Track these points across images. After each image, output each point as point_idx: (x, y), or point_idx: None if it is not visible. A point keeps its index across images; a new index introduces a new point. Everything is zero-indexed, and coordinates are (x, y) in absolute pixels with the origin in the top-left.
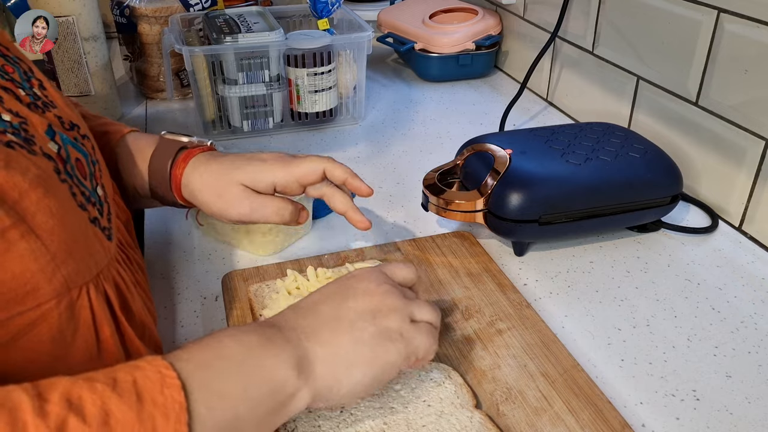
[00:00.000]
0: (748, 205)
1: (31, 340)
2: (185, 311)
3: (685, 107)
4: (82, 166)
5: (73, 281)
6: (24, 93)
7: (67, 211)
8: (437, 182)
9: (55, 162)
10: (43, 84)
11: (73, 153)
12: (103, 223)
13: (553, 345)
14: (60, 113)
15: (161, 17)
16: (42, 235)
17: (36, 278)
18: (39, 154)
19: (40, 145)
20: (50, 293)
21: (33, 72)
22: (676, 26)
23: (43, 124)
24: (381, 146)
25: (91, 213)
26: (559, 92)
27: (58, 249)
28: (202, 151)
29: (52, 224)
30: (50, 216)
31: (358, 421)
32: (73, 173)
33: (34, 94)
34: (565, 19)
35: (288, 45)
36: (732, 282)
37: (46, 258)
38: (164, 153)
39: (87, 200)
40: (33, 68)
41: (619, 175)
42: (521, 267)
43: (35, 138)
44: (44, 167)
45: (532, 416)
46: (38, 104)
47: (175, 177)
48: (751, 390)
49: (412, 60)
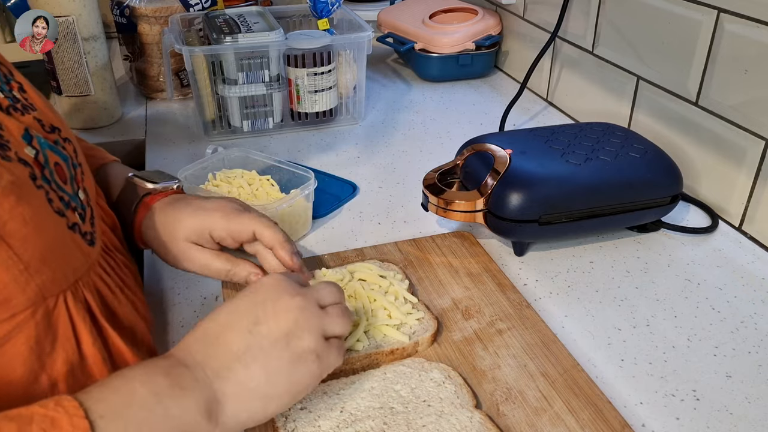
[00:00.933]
0: (748, 205)
1: (7, 352)
2: (185, 311)
3: (685, 107)
4: (61, 170)
5: (49, 290)
6: (2, 96)
7: (42, 218)
8: (437, 182)
9: (31, 167)
10: (23, 87)
11: (52, 157)
12: (84, 228)
13: (553, 345)
14: (40, 116)
15: (161, 17)
16: (14, 244)
17: (8, 288)
18: (14, 159)
19: (16, 151)
20: (24, 303)
21: (12, 75)
22: (676, 26)
23: (19, 129)
24: (381, 146)
25: (71, 219)
26: (559, 92)
27: (32, 258)
28: (165, 196)
29: (26, 232)
30: (23, 224)
31: (358, 421)
32: (51, 178)
33: (14, 97)
34: (565, 19)
35: (288, 45)
36: (732, 282)
37: (18, 267)
38: (128, 198)
39: (66, 205)
40: (13, 71)
41: (619, 175)
42: (521, 267)
43: (10, 143)
44: (19, 174)
45: (532, 416)
46: (17, 107)
47: (136, 224)
48: (751, 390)
49: (412, 60)
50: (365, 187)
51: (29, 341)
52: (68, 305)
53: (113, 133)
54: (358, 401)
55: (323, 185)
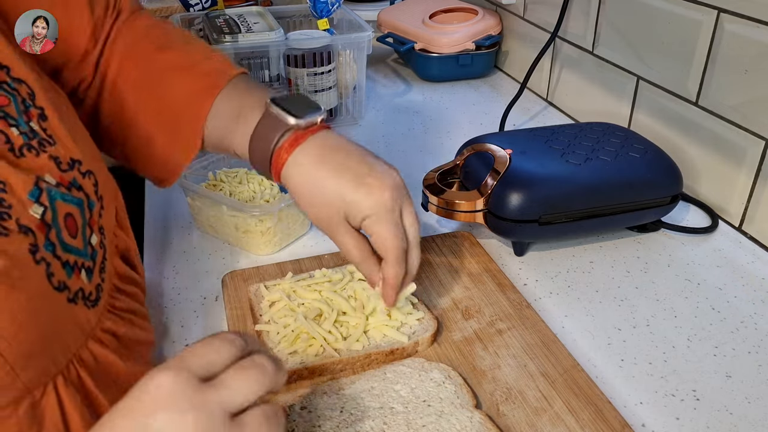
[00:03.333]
0: (748, 205)
1: None
2: (185, 311)
3: (685, 107)
4: (72, 222)
5: (36, 383)
6: (17, 132)
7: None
8: (437, 182)
9: (34, 235)
10: (45, 113)
11: (63, 208)
12: (89, 287)
13: (553, 345)
14: (58, 151)
15: (161, 17)
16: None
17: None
18: (13, 231)
19: (17, 217)
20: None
21: (34, 98)
22: (676, 26)
23: (27, 184)
24: (381, 146)
25: (73, 287)
26: (559, 92)
27: (18, 356)
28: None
29: (14, 329)
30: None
31: (358, 421)
32: (58, 239)
33: (31, 131)
34: (565, 19)
35: (288, 45)
36: (732, 282)
37: (4, 369)
38: (268, 132)
39: (70, 271)
40: (36, 92)
41: (619, 175)
42: (521, 267)
43: (12, 209)
44: (15, 251)
45: (532, 416)
46: (33, 144)
47: (276, 164)
48: (751, 390)
49: (412, 60)
50: None
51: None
52: (58, 391)
53: None
54: (358, 401)
55: None
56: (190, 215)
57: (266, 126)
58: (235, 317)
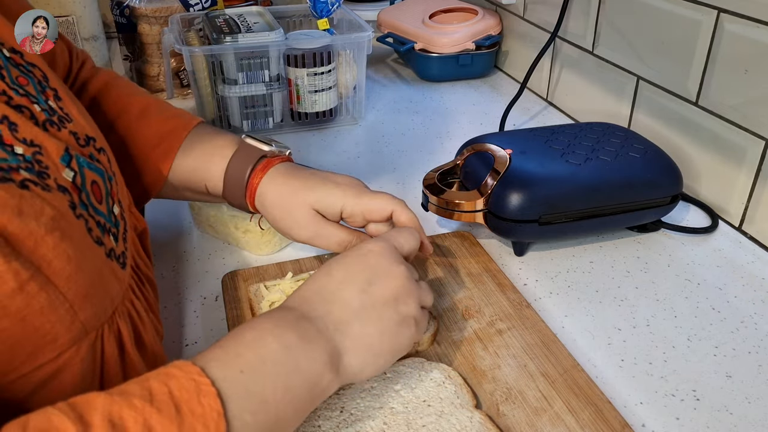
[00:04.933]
0: (748, 205)
1: (52, 390)
2: (185, 311)
3: (685, 107)
4: (98, 189)
5: (92, 325)
6: (39, 109)
7: (83, 252)
8: (437, 182)
9: (70, 194)
10: (59, 93)
11: (90, 176)
12: (118, 250)
13: (553, 345)
14: (75, 127)
15: (161, 17)
16: (60, 284)
17: (55, 329)
18: (53, 188)
19: (55, 177)
20: (69, 341)
21: (48, 80)
22: (676, 26)
23: (59, 149)
24: (381, 146)
25: (107, 245)
26: (559, 92)
27: (76, 295)
28: (282, 161)
29: (70, 270)
30: (67, 261)
31: (358, 421)
32: (89, 202)
33: (50, 108)
34: (565, 19)
35: (288, 45)
36: (732, 282)
37: (64, 307)
38: (244, 159)
39: (103, 230)
40: (48, 74)
41: (619, 175)
42: (521, 267)
43: (49, 169)
44: (59, 205)
45: (532, 416)
46: (54, 120)
47: (251, 186)
48: (751, 390)
49: (412, 60)
50: None
51: (74, 378)
52: (103, 338)
53: None
54: (358, 401)
55: None
56: (189, 215)
57: (242, 155)
58: (235, 317)
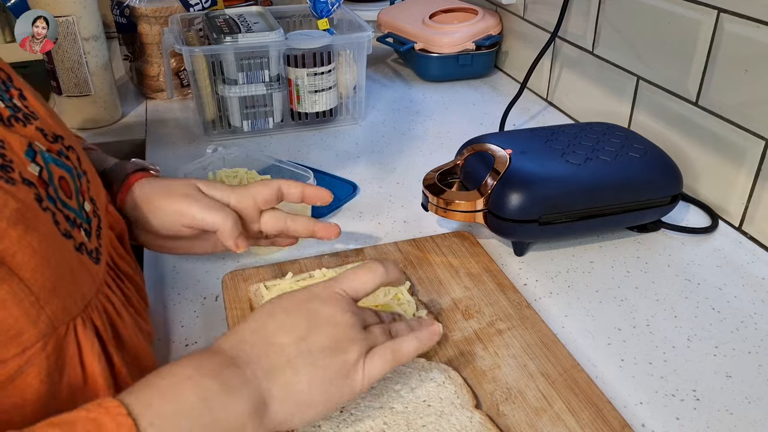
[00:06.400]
0: (748, 205)
1: (18, 387)
2: (185, 311)
3: (685, 107)
4: (66, 185)
5: (60, 319)
6: (3, 105)
7: (50, 244)
8: (437, 182)
9: (36, 188)
10: (23, 93)
11: (57, 171)
12: (90, 245)
13: (553, 345)
14: (42, 125)
15: (161, 17)
16: (24, 276)
17: (20, 323)
18: (18, 181)
19: (19, 171)
20: (35, 336)
21: (12, 80)
22: (676, 26)
23: (22, 144)
24: (381, 146)
25: (77, 239)
26: (559, 92)
27: (42, 288)
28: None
29: (35, 263)
30: (32, 254)
31: (358, 421)
32: (57, 196)
33: (14, 106)
34: (565, 19)
35: (288, 45)
36: (732, 282)
37: (29, 300)
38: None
39: (72, 224)
40: (12, 75)
41: (619, 175)
42: (521, 267)
43: (13, 163)
44: (24, 197)
45: (532, 416)
46: (19, 116)
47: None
48: (751, 390)
49: (412, 60)
50: (365, 187)
51: (40, 374)
52: (77, 332)
53: (113, 133)
54: (358, 401)
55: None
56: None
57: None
58: (235, 317)
